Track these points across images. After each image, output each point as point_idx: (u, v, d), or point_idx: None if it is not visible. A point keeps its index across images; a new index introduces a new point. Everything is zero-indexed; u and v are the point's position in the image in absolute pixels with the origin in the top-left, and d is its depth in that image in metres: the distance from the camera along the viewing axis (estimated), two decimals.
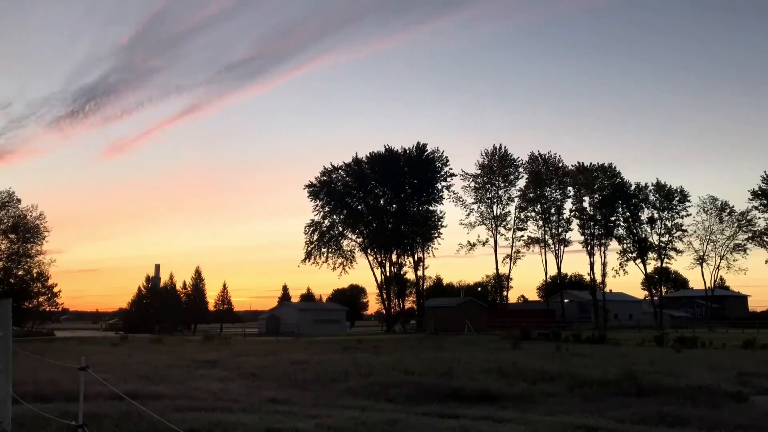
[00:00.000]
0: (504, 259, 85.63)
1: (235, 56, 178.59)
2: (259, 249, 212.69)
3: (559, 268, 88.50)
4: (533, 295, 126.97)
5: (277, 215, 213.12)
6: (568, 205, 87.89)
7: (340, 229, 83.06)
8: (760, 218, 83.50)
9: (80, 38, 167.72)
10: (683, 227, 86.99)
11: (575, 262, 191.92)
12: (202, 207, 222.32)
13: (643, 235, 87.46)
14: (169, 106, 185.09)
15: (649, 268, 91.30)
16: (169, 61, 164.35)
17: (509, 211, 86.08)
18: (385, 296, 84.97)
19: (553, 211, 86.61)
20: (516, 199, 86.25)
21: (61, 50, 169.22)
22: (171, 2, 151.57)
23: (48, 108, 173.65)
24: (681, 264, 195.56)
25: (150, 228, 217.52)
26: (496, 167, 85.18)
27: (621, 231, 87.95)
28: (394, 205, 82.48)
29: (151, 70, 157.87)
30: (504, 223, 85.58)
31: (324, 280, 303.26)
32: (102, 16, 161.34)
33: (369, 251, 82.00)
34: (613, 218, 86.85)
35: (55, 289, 73.16)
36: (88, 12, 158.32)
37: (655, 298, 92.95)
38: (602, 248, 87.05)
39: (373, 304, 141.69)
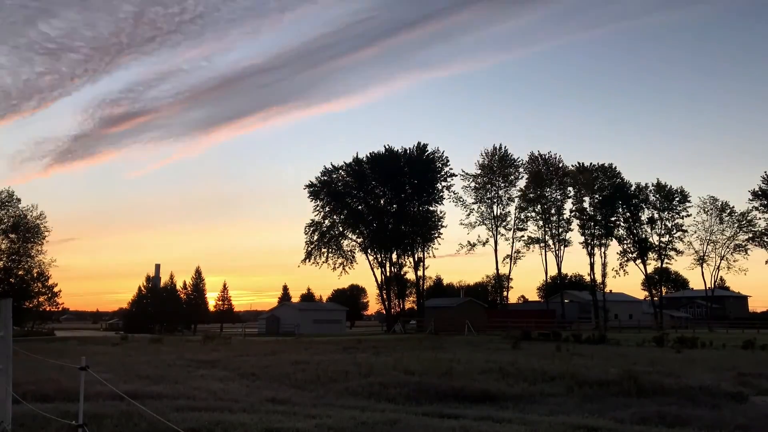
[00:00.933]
0: (504, 259, 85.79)
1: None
2: (259, 249, 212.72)
3: (559, 269, 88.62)
4: (533, 296, 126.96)
5: (278, 216, 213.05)
6: (569, 205, 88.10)
7: (341, 229, 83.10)
8: (760, 218, 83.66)
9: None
10: (683, 227, 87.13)
11: (575, 262, 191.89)
12: (204, 208, 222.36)
13: (644, 236, 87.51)
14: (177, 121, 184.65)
15: (649, 269, 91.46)
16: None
17: (509, 212, 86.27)
18: (385, 296, 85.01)
19: (553, 211, 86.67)
20: (516, 199, 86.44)
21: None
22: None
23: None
24: (681, 264, 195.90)
25: (151, 228, 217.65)
26: (497, 167, 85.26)
27: (621, 231, 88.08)
28: (395, 205, 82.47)
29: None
30: (504, 223, 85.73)
31: (324, 280, 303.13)
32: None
33: (369, 251, 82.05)
34: (613, 218, 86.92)
35: (56, 289, 73.25)
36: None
37: (655, 298, 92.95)
38: (602, 248, 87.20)
39: (374, 305, 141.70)
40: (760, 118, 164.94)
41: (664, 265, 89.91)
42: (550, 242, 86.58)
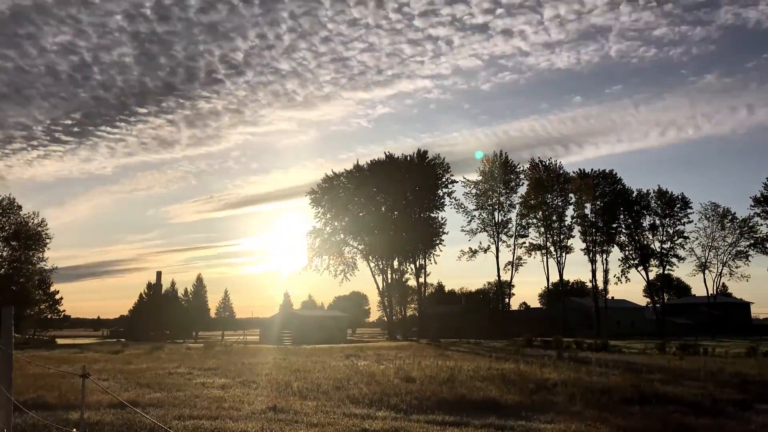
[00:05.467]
0: (505, 266, 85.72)
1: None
2: (260, 253, 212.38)
3: (560, 275, 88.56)
4: (535, 302, 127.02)
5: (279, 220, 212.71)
6: (570, 212, 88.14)
7: (342, 236, 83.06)
8: (762, 225, 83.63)
9: None
10: (685, 234, 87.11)
11: (577, 269, 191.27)
12: (204, 210, 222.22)
13: (645, 242, 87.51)
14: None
15: (651, 275, 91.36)
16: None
17: (510, 218, 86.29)
18: (386, 303, 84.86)
19: (554, 218, 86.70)
20: (517, 206, 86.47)
21: None
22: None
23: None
24: (683, 271, 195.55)
25: (152, 232, 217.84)
26: (498, 174, 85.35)
27: (623, 238, 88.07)
28: (396, 212, 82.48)
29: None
30: (505, 229, 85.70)
31: (325, 286, 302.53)
32: None
33: (370, 258, 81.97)
34: (614, 225, 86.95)
35: (57, 297, 73.39)
36: None
37: (657, 305, 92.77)
38: (604, 255, 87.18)
39: (375, 311, 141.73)
40: (761, 123, 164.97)
41: (665, 272, 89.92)
42: (552, 249, 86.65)
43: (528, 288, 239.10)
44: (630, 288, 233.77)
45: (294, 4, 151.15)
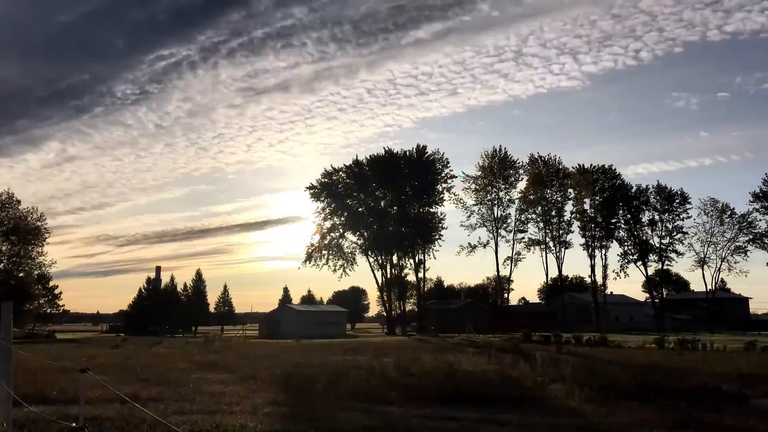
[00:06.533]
0: (505, 261, 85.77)
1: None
2: (260, 249, 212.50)
3: (560, 270, 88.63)
4: (534, 297, 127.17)
5: (278, 217, 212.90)
6: (569, 207, 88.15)
7: (341, 231, 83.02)
8: (761, 220, 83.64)
9: None
10: (684, 229, 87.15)
11: (576, 264, 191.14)
12: (203, 208, 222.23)
13: (644, 237, 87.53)
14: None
15: (650, 271, 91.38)
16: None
17: (510, 213, 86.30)
18: (385, 298, 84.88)
19: (553, 213, 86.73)
20: (516, 201, 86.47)
21: None
22: None
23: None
24: (682, 266, 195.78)
25: (152, 229, 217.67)
26: (497, 169, 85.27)
27: (622, 233, 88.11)
28: (395, 207, 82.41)
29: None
30: (505, 225, 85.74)
31: (325, 281, 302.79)
32: None
33: (369, 253, 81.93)
34: (613, 220, 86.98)
35: (56, 291, 73.41)
36: None
37: (656, 300, 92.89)
38: (603, 250, 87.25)
39: (374, 306, 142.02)
40: (761, 118, 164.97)
41: (664, 267, 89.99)
42: (551, 244, 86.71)
43: (527, 283, 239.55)
44: (629, 283, 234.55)
45: None
